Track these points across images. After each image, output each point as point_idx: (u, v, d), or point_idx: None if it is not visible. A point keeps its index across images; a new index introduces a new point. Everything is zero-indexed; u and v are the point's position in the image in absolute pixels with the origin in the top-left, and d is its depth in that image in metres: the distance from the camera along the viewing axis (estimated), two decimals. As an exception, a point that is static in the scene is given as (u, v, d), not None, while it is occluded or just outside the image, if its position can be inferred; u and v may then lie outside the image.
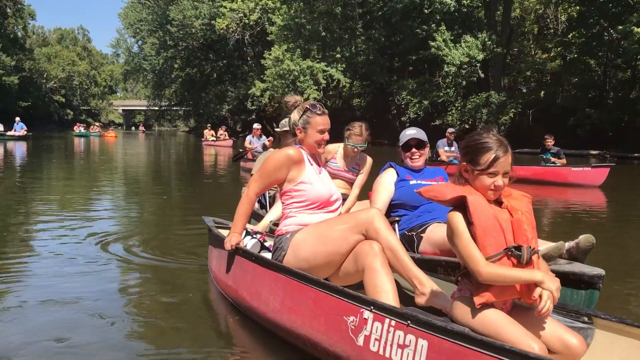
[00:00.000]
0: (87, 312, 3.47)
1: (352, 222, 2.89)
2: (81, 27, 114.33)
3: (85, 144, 30.72)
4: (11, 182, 11.48)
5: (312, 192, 3.15)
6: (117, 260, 4.82)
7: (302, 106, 3.28)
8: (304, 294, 2.78)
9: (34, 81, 77.04)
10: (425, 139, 4.20)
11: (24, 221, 6.81)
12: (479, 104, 30.24)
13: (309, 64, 35.13)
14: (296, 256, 2.99)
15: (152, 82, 66.13)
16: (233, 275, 3.46)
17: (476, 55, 28.89)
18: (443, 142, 13.78)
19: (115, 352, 2.90)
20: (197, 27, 47.71)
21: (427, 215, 3.92)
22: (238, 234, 3.38)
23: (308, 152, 3.29)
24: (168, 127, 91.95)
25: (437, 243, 3.65)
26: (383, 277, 2.70)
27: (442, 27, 29.73)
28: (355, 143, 4.93)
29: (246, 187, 3.36)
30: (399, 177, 4.14)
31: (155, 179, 13.74)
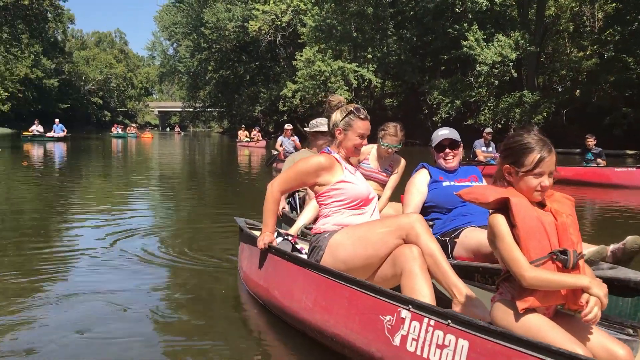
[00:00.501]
0: (117, 308, 3.56)
1: (393, 226, 2.86)
2: (118, 30, 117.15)
3: (122, 145, 31.32)
4: (50, 181, 11.90)
5: (352, 190, 3.14)
6: (148, 257, 4.92)
7: (346, 108, 3.25)
8: (338, 293, 2.74)
9: (73, 83, 79.11)
10: (458, 138, 4.09)
11: (62, 218, 7.10)
12: (511, 103, 29.90)
13: (340, 65, 35.22)
14: (334, 257, 2.98)
15: (187, 84, 67.01)
16: (264, 274, 3.44)
17: (509, 55, 28.56)
18: (480, 143, 13.55)
19: (143, 349, 2.96)
20: (230, 29, 48.25)
21: (461, 219, 3.82)
22: (270, 232, 3.39)
23: (343, 155, 3.27)
24: (202, 128, 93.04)
25: (472, 248, 3.54)
26: (421, 281, 2.66)
27: (474, 27, 29.48)
28: (390, 143, 4.87)
29: (269, 184, 3.35)
30: (432, 178, 4.04)
31: (189, 179, 13.96)
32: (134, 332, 3.18)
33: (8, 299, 3.69)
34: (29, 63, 59.13)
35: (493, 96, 31.79)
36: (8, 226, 6.50)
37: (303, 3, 40.70)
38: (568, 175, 11.72)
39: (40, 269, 4.50)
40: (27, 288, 3.97)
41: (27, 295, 3.80)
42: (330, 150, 3.29)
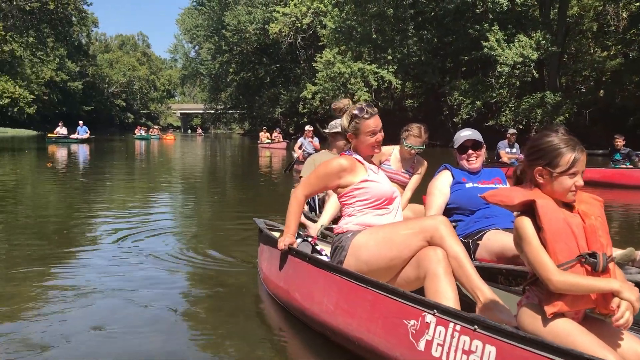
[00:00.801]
0: (136, 305, 3.62)
1: (417, 227, 2.81)
2: (141, 34, 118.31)
3: (145, 147, 31.60)
4: (74, 181, 12.13)
5: (376, 189, 3.11)
6: (169, 257, 4.96)
7: (350, 112, 3.21)
8: (361, 296, 2.69)
9: (96, 86, 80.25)
10: (481, 139, 4.02)
11: (84, 217, 7.23)
12: (533, 104, 29.65)
13: (360, 66, 35.25)
14: (356, 258, 2.94)
15: (209, 86, 67.69)
16: (284, 276, 3.42)
17: (530, 55, 28.32)
18: (504, 144, 13.31)
19: (160, 347, 2.98)
20: (251, 32, 48.65)
21: (484, 221, 3.76)
22: (291, 234, 3.35)
23: (363, 156, 3.25)
24: (224, 129, 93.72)
25: (495, 251, 3.49)
26: (445, 283, 2.61)
27: (494, 27, 29.31)
28: (413, 144, 4.79)
29: (293, 190, 3.37)
30: (454, 179, 3.97)
31: (210, 180, 14.05)
32: (152, 330, 3.22)
33: (29, 295, 3.80)
34: (54, 66, 60.23)
35: (514, 97, 31.55)
36: (32, 225, 6.65)
37: (323, 5, 40.83)
38: (595, 177, 11.28)
39: (62, 266, 4.62)
40: (48, 285, 4.08)
41: (47, 291, 3.91)
42: (351, 152, 3.28)
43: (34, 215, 7.49)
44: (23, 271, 4.41)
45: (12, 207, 8.15)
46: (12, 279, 4.21)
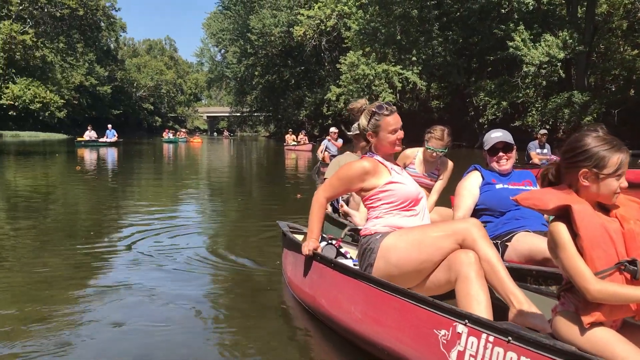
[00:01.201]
0: (159, 305, 3.66)
1: (449, 230, 2.75)
2: (168, 38, 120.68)
3: (173, 150, 31.89)
4: (102, 184, 12.39)
5: (402, 191, 3.04)
6: (193, 258, 4.98)
7: (369, 110, 3.13)
8: (388, 304, 2.62)
9: (125, 90, 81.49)
10: (512, 141, 3.93)
11: (111, 219, 7.39)
12: (560, 104, 29.28)
13: (384, 68, 35.22)
14: (386, 260, 2.86)
15: (234, 89, 68.29)
16: (310, 281, 3.36)
17: (556, 54, 27.97)
18: (535, 144, 13.08)
19: (184, 348, 2.99)
20: (276, 35, 48.97)
21: (514, 222, 3.69)
22: (315, 239, 3.31)
23: (383, 155, 3.18)
24: (250, 132, 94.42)
25: (524, 253, 3.42)
26: (477, 287, 2.54)
27: (520, 27, 29.03)
28: (435, 147, 4.70)
29: (315, 192, 3.32)
30: (484, 180, 3.90)
31: (237, 182, 14.12)
32: (175, 328, 3.26)
33: (57, 291, 3.95)
34: (83, 71, 61.47)
35: (541, 97, 31.19)
36: (61, 225, 6.84)
37: (347, 7, 40.91)
38: (630, 177, 11.19)
39: (88, 266, 4.77)
40: (76, 283, 4.21)
41: (75, 289, 4.04)
42: (372, 153, 3.20)
43: (63, 216, 7.69)
44: (51, 269, 4.56)
45: (43, 209, 8.36)
46: (42, 276, 4.35)
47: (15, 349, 2.93)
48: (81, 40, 59.12)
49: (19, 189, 11.21)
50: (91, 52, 64.59)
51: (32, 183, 12.35)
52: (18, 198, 9.67)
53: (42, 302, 3.71)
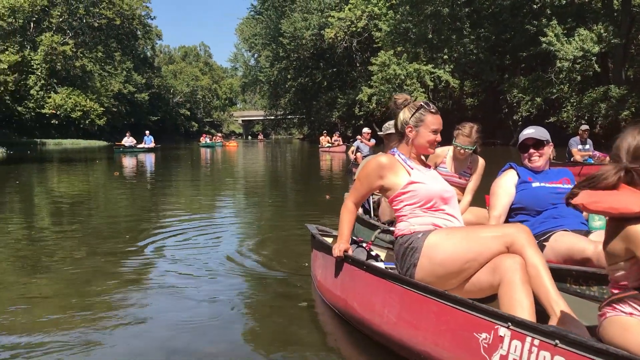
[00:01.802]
0: (190, 306, 3.73)
1: (499, 232, 2.70)
2: (203, 44, 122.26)
3: (209, 154, 32.18)
4: (139, 189, 12.79)
5: (423, 190, 2.96)
6: (225, 260, 5.06)
7: (415, 104, 3.11)
8: (425, 307, 2.54)
9: (162, 96, 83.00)
10: (544, 137, 3.79)
11: (146, 223, 7.63)
12: (596, 98, 28.76)
13: (416, 67, 35.20)
14: (431, 259, 2.79)
15: (268, 93, 68.88)
16: (341, 284, 3.29)
17: (591, 49, 27.49)
18: (576, 141, 12.69)
19: (211, 348, 3.03)
20: (307, 37, 49.33)
21: (551, 221, 3.56)
22: (345, 241, 3.27)
23: (415, 154, 3.13)
24: (284, 135, 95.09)
25: (562, 253, 3.31)
26: (522, 292, 2.46)
27: (553, 22, 28.66)
28: (462, 144, 4.61)
29: (345, 199, 3.33)
30: (520, 178, 3.78)
31: (272, 185, 14.13)
32: (203, 329, 3.31)
33: (94, 290, 4.22)
34: (121, 79, 62.95)
35: (576, 92, 30.69)
36: (98, 229, 7.16)
37: (378, 8, 40.98)
38: None
39: (121, 265, 5.02)
40: (108, 282, 4.44)
41: (112, 288, 4.24)
42: (396, 150, 3.16)
43: (100, 219, 8.04)
44: (88, 268, 4.86)
45: (81, 213, 8.76)
46: (81, 274, 4.66)
47: (50, 339, 3.17)
48: (118, 49, 60.65)
49: (60, 194, 11.70)
50: (128, 60, 66.07)
51: (72, 188, 12.88)
52: (59, 203, 10.11)
53: (79, 297, 3.97)
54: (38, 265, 5.07)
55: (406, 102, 3.14)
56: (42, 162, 23.61)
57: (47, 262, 5.22)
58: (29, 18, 48.66)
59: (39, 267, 5.02)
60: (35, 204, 10.20)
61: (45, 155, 29.80)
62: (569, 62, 28.42)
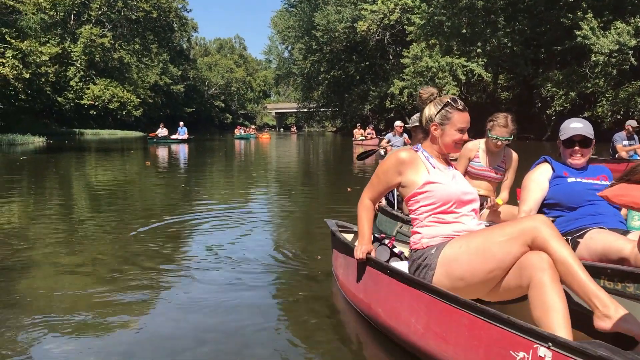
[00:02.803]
0: (209, 307, 3.58)
1: (515, 231, 2.47)
2: (237, 36, 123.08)
3: (243, 145, 32.28)
4: (170, 178, 13.17)
5: (440, 191, 2.80)
6: (251, 255, 5.00)
7: (441, 99, 2.91)
8: (456, 320, 2.36)
9: (197, 88, 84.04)
10: (592, 135, 3.55)
11: (171, 213, 7.75)
12: (632, 92, 28.20)
13: (448, 60, 34.99)
14: (449, 275, 2.62)
15: (301, 85, 69.27)
16: (364, 288, 3.14)
17: (627, 42, 26.96)
18: (621, 136, 11.88)
19: (229, 347, 2.96)
20: (340, 30, 49.45)
21: (588, 218, 3.38)
22: (367, 242, 3.11)
23: (438, 152, 2.97)
24: (317, 127, 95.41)
25: (597, 251, 3.13)
26: (553, 293, 2.27)
27: (588, 15, 28.17)
28: (499, 135, 4.35)
29: (361, 195, 3.19)
30: (554, 172, 3.60)
31: (304, 178, 13.95)
32: (223, 326, 3.25)
33: (119, 282, 4.30)
34: (158, 71, 63.95)
35: (611, 86, 30.11)
36: (122, 217, 7.39)
37: (411, 0, 40.82)
38: None
39: (142, 255, 5.01)
40: (129, 272, 4.45)
41: (139, 278, 4.28)
42: (420, 147, 3.00)
43: (128, 207, 8.36)
44: (110, 257, 4.98)
45: (112, 201, 9.12)
46: (107, 261, 4.84)
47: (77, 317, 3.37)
48: (155, 41, 61.69)
49: (93, 181, 12.18)
50: (165, 52, 67.07)
51: (104, 177, 13.33)
52: (91, 190, 10.57)
53: (104, 291, 3.96)
54: (70, 247, 5.30)
55: (432, 97, 2.96)
56: (79, 151, 24.33)
57: (78, 244, 5.41)
58: (69, 11, 49.97)
59: (70, 248, 5.25)
60: (69, 191, 10.63)
61: (82, 145, 30.66)
62: (604, 55, 27.91)
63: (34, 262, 4.73)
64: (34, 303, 3.66)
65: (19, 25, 36.24)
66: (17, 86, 33.40)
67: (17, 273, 4.38)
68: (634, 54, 28.64)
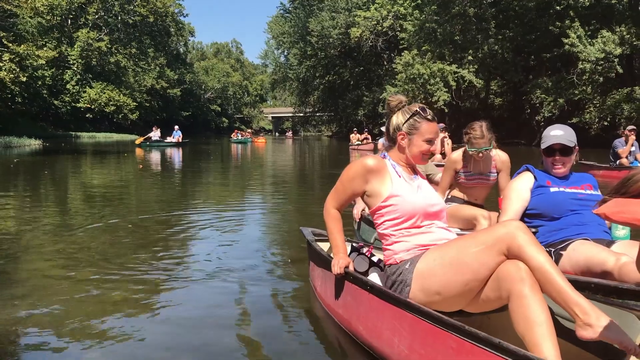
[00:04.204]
0: (190, 319, 3.44)
1: (489, 240, 2.35)
2: (234, 41, 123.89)
3: (239, 150, 32.05)
4: (161, 181, 13.38)
5: (404, 205, 2.68)
6: (232, 260, 4.89)
7: (410, 108, 2.80)
8: (441, 341, 2.20)
9: (193, 92, 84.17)
10: (573, 143, 3.45)
11: (155, 217, 7.95)
12: (619, 100, 28.75)
13: (440, 67, 35.52)
14: (425, 291, 2.51)
15: (297, 90, 69.72)
16: (343, 303, 3.01)
17: (612, 50, 27.55)
18: (621, 142, 11.64)
19: (198, 356, 2.87)
20: (335, 36, 50.02)
21: (571, 229, 3.27)
22: (344, 254, 2.96)
23: (405, 162, 2.86)
24: (313, 132, 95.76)
25: (580, 264, 3.02)
26: (535, 306, 2.15)
27: (575, 23, 28.76)
28: (478, 148, 4.24)
29: (325, 202, 3.07)
30: (536, 182, 3.49)
31: (299, 184, 13.66)
32: (198, 335, 3.15)
33: (109, 282, 4.44)
34: (154, 75, 64.19)
35: (598, 93, 30.67)
36: (111, 222, 7.53)
37: (403, 8, 41.38)
38: None
39: (131, 263, 4.86)
40: (112, 279, 4.41)
41: (118, 282, 4.27)
42: (386, 155, 2.89)
43: (114, 210, 8.60)
44: (105, 264, 4.95)
45: (101, 204, 9.39)
46: (101, 271, 4.80)
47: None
48: (152, 45, 62.16)
49: (81, 183, 12.49)
50: (162, 56, 67.39)
51: (94, 179, 13.64)
52: (79, 192, 10.88)
53: (97, 294, 3.95)
54: (55, 252, 5.25)
55: (400, 105, 2.85)
56: (73, 154, 24.66)
57: (65, 247, 5.44)
58: (66, 15, 50.46)
59: (56, 252, 5.22)
60: (58, 193, 10.95)
61: (77, 148, 30.99)
62: (591, 63, 28.48)
63: (18, 264, 4.79)
64: (19, 305, 3.67)
65: (16, 29, 36.67)
66: (14, 89, 33.77)
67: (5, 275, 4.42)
68: (620, 62, 29.22)
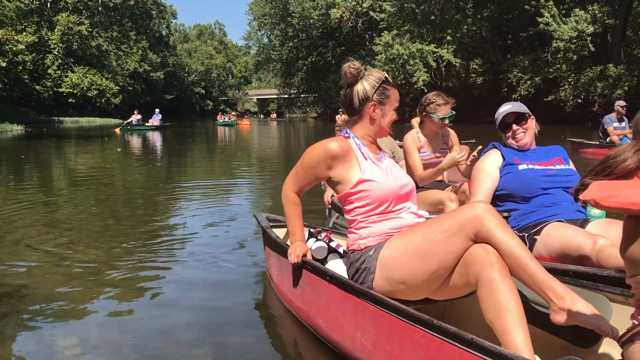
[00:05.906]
0: (156, 307, 3.41)
1: (456, 225, 2.19)
2: (217, 22, 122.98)
3: (225, 132, 31.95)
4: (139, 165, 13.71)
5: (376, 190, 2.48)
6: (205, 250, 4.73)
7: (374, 75, 2.59)
8: (409, 337, 2.06)
9: (177, 75, 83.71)
10: (524, 110, 3.38)
11: (132, 201, 8.28)
12: (593, 77, 29.41)
13: (419, 47, 35.89)
14: (389, 280, 2.35)
15: (281, 72, 69.63)
16: (301, 294, 2.86)
17: (585, 29, 28.12)
18: (611, 118, 11.19)
19: (152, 351, 2.78)
20: (315, 17, 50.10)
21: (544, 211, 3.09)
22: (301, 242, 2.82)
23: (372, 136, 2.65)
24: (298, 113, 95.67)
25: (556, 249, 2.85)
26: (505, 291, 2.01)
27: (549, 2, 29.25)
28: (446, 114, 4.09)
29: (283, 186, 2.86)
30: (505, 160, 3.33)
31: (282, 166, 13.12)
32: (139, 334, 3.01)
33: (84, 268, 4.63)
34: (137, 58, 63.79)
35: (573, 71, 31.30)
36: (84, 204, 8.00)
37: (383, -12, 41.60)
38: None
39: (97, 255, 4.76)
40: (80, 275, 4.40)
41: (73, 280, 4.16)
42: (349, 132, 2.63)
43: (91, 194, 8.90)
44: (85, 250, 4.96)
45: (77, 189, 9.68)
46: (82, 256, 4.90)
47: None
48: (134, 28, 61.79)
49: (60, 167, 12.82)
50: (144, 39, 66.95)
51: (75, 164, 13.95)
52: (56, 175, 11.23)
53: (85, 279, 3.98)
54: (37, 241, 5.17)
55: (361, 75, 2.61)
56: (55, 139, 24.83)
57: (45, 235, 5.42)
58: (45, -1, 50.06)
59: (37, 241, 5.16)
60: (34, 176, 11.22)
61: (60, 133, 31.06)
62: (564, 42, 29.04)
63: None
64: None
65: (-5, 13, 36.48)
66: (-7, 75, 33.73)
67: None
68: (593, 41, 29.80)
